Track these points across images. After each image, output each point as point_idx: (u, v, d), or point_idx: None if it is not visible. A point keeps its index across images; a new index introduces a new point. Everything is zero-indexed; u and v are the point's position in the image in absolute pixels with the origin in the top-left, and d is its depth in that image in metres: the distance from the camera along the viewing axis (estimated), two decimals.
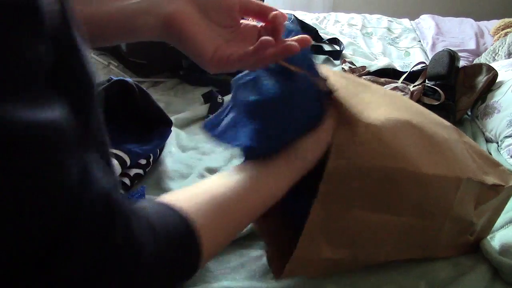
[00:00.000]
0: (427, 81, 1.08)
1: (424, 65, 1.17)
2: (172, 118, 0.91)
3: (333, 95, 0.50)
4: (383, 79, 1.13)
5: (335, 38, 1.49)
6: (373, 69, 1.24)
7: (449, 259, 0.67)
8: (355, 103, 0.52)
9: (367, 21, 1.87)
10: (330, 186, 0.51)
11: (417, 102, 1.02)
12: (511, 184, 0.65)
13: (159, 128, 0.84)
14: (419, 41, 1.69)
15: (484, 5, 2.63)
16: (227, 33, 0.42)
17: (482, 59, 1.46)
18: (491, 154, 0.93)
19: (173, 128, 0.89)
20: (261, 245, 0.68)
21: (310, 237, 0.53)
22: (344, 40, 1.51)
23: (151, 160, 0.81)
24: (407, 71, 1.15)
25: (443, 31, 1.74)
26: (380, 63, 1.34)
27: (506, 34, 1.60)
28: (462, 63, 1.17)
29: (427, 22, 1.84)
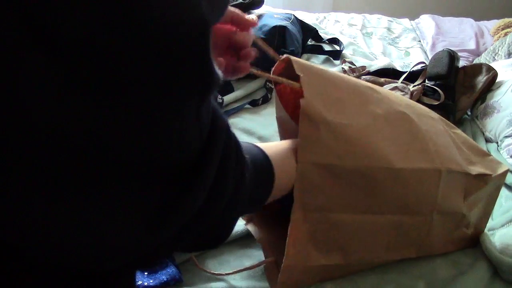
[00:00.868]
0: (427, 81, 1.08)
1: (424, 65, 1.18)
2: None
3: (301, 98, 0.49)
4: (383, 79, 1.13)
5: (335, 38, 1.49)
6: (373, 69, 1.24)
7: (448, 258, 0.67)
8: (324, 100, 0.51)
9: (367, 21, 1.87)
10: (304, 190, 0.50)
11: (417, 102, 1.02)
12: (499, 172, 0.65)
13: None
14: (419, 41, 1.69)
15: (484, 5, 2.63)
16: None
17: (482, 59, 1.46)
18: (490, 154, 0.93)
19: None
20: (261, 245, 0.69)
21: (297, 246, 0.52)
22: (344, 40, 1.51)
23: None
24: (407, 71, 1.15)
25: (443, 31, 1.74)
26: (380, 63, 1.34)
27: (506, 34, 1.61)
28: (462, 63, 1.17)
29: (427, 22, 1.84)
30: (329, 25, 1.80)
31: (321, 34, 1.48)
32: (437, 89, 1.03)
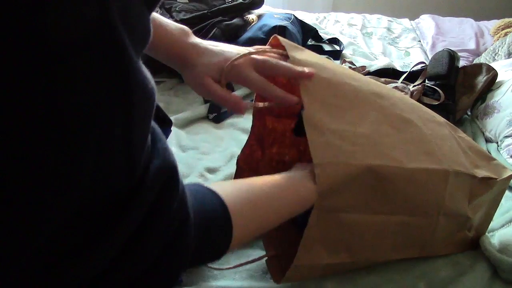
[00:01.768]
0: (427, 81, 1.08)
1: (424, 65, 1.18)
2: (172, 118, 0.91)
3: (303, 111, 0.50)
4: (383, 79, 1.13)
5: (335, 38, 1.49)
6: (373, 69, 1.24)
7: (448, 258, 0.67)
8: (326, 110, 0.52)
9: (367, 21, 1.87)
10: (323, 194, 0.50)
11: (417, 102, 1.02)
12: (504, 177, 0.65)
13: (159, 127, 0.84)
14: (419, 41, 1.69)
15: (484, 5, 2.63)
16: None
17: (482, 59, 1.46)
18: (490, 154, 0.93)
19: (173, 128, 0.89)
20: (260, 246, 0.69)
21: (308, 246, 0.53)
22: (344, 40, 1.51)
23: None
24: (407, 71, 1.15)
25: (443, 31, 1.74)
26: (380, 63, 1.34)
27: (506, 34, 1.60)
28: (462, 63, 1.17)
29: (427, 22, 1.84)
30: (329, 25, 1.80)
31: (321, 34, 1.48)
32: (437, 89, 1.03)
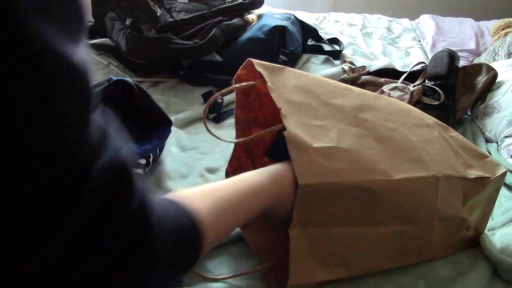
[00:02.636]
0: (427, 81, 1.08)
1: (424, 65, 1.17)
2: (172, 118, 0.91)
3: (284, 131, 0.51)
4: (383, 79, 1.13)
5: (335, 38, 1.49)
6: (373, 69, 1.24)
7: (448, 258, 0.67)
8: (306, 130, 0.52)
9: (367, 21, 1.87)
10: (303, 210, 0.50)
11: (417, 102, 1.02)
12: (497, 174, 0.65)
13: (159, 128, 0.84)
14: (419, 41, 1.69)
15: (484, 5, 2.63)
16: None
17: (482, 59, 1.46)
18: (490, 154, 0.93)
19: (173, 128, 0.89)
20: (255, 252, 0.69)
21: (299, 262, 0.52)
22: (344, 40, 1.51)
23: (151, 160, 0.81)
24: (407, 71, 1.15)
25: (443, 31, 1.74)
26: (380, 63, 1.34)
27: (506, 34, 1.60)
28: (462, 63, 1.17)
29: (427, 22, 1.84)
30: (329, 25, 1.79)
31: (321, 34, 1.48)
32: (437, 89, 1.03)
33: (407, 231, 0.58)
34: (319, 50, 1.41)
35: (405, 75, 1.13)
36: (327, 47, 1.45)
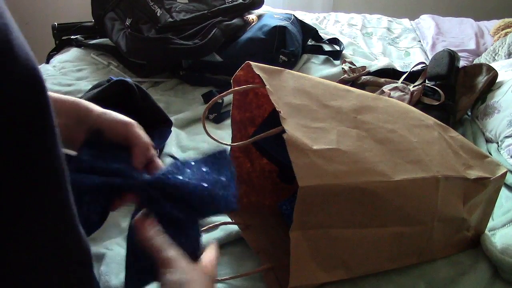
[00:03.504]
0: (427, 81, 1.08)
1: (424, 65, 1.17)
2: (172, 118, 0.91)
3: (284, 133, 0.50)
4: (383, 79, 1.13)
5: (335, 38, 1.49)
6: (373, 69, 1.24)
7: (448, 258, 0.67)
8: (306, 132, 0.52)
9: (367, 21, 1.87)
10: (304, 212, 0.50)
11: (417, 102, 1.02)
12: (498, 175, 0.65)
13: (159, 128, 0.84)
14: (419, 41, 1.69)
15: (484, 5, 2.63)
16: None
17: (482, 59, 1.46)
18: (491, 154, 0.93)
19: (173, 128, 0.89)
20: (255, 257, 0.68)
21: (299, 264, 0.52)
22: (344, 40, 1.51)
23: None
24: (407, 71, 1.15)
25: (443, 31, 1.74)
26: (380, 63, 1.33)
27: (506, 34, 1.60)
28: (462, 63, 1.17)
29: (427, 22, 1.84)
30: (329, 25, 1.80)
31: (321, 34, 1.48)
32: (437, 89, 1.03)
33: (407, 232, 0.58)
34: (319, 50, 1.41)
35: (405, 75, 1.13)
36: (327, 47, 1.45)
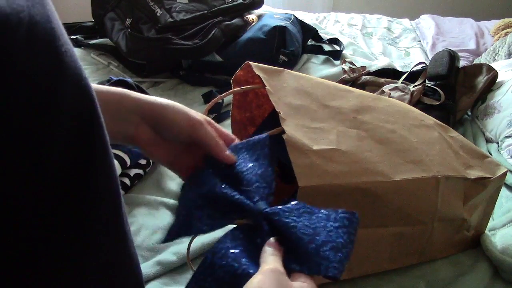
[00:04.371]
0: (427, 81, 1.08)
1: (424, 65, 1.17)
2: None
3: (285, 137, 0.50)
4: (383, 79, 1.13)
5: (335, 38, 1.49)
6: (373, 69, 1.24)
7: (448, 259, 0.67)
8: (305, 132, 0.52)
9: (367, 21, 1.87)
10: None
11: (417, 102, 1.02)
12: (498, 175, 0.65)
13: None
14: (419, 41, 1.69)
15: (484, 5, 2.63)
16: (182, 145, 0.50)
17: (482, 59, 1.46)
18: (491, 154, 0.93)
19: None
20: None
21: None
22: (344, 40, 1.51)
23: (151, 160, 0.81)
24: (407, 71, 1.15)
25: (443, 31, 1.74)
26: (380, 63, 1.33)
27: (506, 34, 1.60)
28: (462, 63, 1.17)
29: (427, 22, 1.84)
30: (329, 25, 1.79)
31: (321, 34, 1.48)
32: (437, 89, 1.03)
33: (408, 232, 0.58)
34: (319, 50, 1.41)
35: (405, 75, 1.13)
36: (327, 47, 1.45)
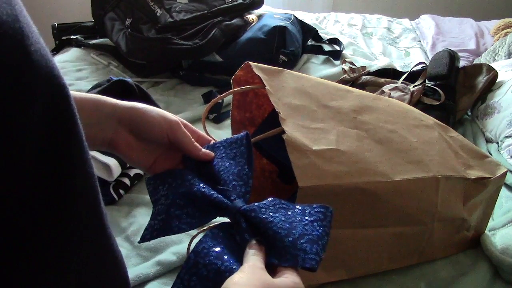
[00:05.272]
0: (427, 81, 1.08)
1: (424, 65, 1.17)
2: None
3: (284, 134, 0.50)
4: (383, 79, 1.13)
5: (335, 38, 1.49)
6: (373, 69, 1.24)
7: (448, 259, 0.67)
8: (305, 132, 0.52)
9: (367, 21, 1.87)
10: None
11: (417, 102, 1.02)
12: (498, 175, 0.65)
13: None
14: (419, 41, 1.69)
15: (484, 5, 2.63)
16: (161, 148, 0.49)
17: (482, 59, 1.46)
18: (491, 154, 0.93)
19: None
20: None
21: None
22: (344, 40, 1.51)
23: (131, 166, 0.81)
24: (407, 71, 1.15)
25: (443, 31, 1.74)
26: (380, 63, 1.33)
27: (506, 34, 1.60)
28: (462, 63, 1.17)
29: (427, 22, 1.84)
30: (329, 25, 1.79)
31: (321, 34, 1.48)
32: (437, 89, 1.03)
33: (408, 232, 0.58)
34: (319, 50, 1.41)
35: (405, 75, 1.13)
36: (327, 47, 1.45)
